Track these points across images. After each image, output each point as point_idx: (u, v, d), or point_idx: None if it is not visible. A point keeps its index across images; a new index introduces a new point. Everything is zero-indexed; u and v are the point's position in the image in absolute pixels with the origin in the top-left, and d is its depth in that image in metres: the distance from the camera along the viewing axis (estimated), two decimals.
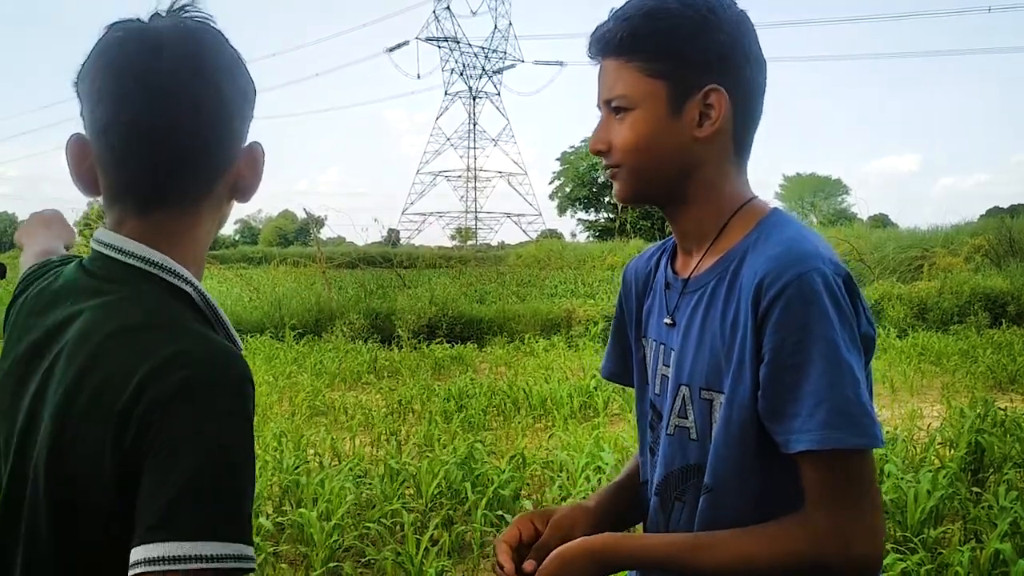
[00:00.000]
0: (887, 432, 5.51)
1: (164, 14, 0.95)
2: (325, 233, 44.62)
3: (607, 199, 49.93)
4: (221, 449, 0.81)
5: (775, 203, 1.18)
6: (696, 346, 1.12)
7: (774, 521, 1.03)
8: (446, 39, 65.36)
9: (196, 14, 0.96)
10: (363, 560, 3.92)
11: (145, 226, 0.94)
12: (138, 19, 0.94)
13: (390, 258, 23.99)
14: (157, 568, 0.76)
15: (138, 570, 0.76)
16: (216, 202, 1.00)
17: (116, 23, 0.94)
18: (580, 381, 7.86)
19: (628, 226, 43.88)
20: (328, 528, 3.83)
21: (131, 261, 0.92)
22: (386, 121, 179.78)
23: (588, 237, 50.01)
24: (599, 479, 4.34)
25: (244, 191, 1.02)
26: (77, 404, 0.84)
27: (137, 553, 0.77)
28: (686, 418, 1.14)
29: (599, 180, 50.08)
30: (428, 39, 64.91)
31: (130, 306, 0.90)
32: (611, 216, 49.41)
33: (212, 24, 0.97)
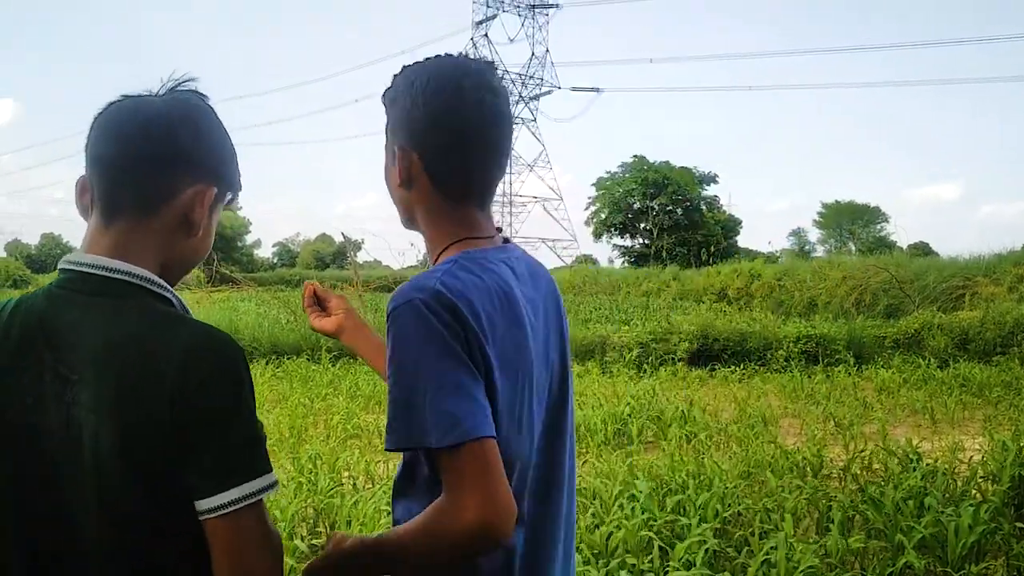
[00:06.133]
0: (927, 464, 5.41)
1: (162, 92, 1.21)
2: (362, 256, 45.02)
3: (643, 225, 49.77)
4: (249, 409, 1.09)
5: (813, 231, 1.17)
6: None
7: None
8: None
9: (187, 90, 1.22)
10: None
11: (110, 242, 1.14)
12: (133, 96, 1.20)
13: None
14: (238, 506, 1.04)
15: (224, 511, 1.04)
16: (162, 226, 1.18)
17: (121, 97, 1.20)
18: (614, 408, 7.82)
19: (664, 252, 43.72)
20: None
21: (115, 276, 1.12)
22: None
23: (623, 263, 49.77)
24: (632, 507, 4.31)
25: (192, 225, 1.20)
26: (129, 397, 1.04)
27: (219, 499, 1.04)
28: None
29: (635, 206, 49.94)
30: None
31: (137, 313, 1.10)
32: (646, 242, 49.22)
33: (200, 100, 1.22)
